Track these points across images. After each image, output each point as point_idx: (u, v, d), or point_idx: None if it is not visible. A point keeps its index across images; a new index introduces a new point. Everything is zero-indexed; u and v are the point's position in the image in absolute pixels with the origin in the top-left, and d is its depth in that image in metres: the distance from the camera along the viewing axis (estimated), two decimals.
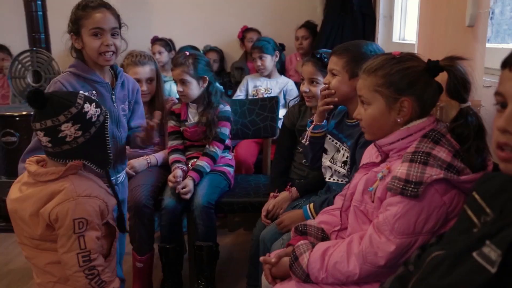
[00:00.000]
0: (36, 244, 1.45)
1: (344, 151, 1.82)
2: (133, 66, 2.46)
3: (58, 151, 1.42)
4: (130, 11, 4.37)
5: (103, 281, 1.44)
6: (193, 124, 2.46)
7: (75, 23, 1.78)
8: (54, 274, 1.46)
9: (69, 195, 1.39)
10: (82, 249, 1.39)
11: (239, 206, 2.35)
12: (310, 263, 1.30)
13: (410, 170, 1.17)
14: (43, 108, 1.38)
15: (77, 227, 1.38)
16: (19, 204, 1.44)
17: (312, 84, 2.08)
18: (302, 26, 3.85)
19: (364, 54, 1.72)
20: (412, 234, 1.17)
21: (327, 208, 1.59)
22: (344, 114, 1.88)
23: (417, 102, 1.27)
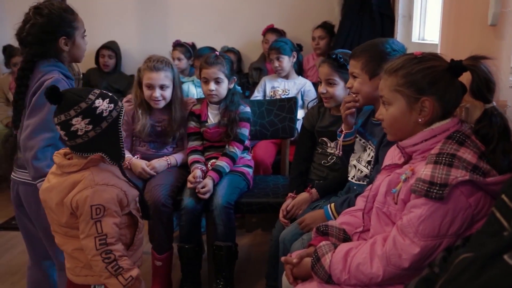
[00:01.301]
0: (65, 231, 1.52)
1: (370, 150, 1.82)
2: (148, 71, 2.41)
3: (73, 144, 1.48)
4: (148, 13, 4.44)
5: (120, 267, 1.47)
6: (214, 124, 2.47)
7: (69, 26, 1.82)
8: (80, 260, 1.52)
9: (87, 184, 1.45)
10: (99, 233, 1.45)
11: (258, 207, 2.35)
12: (332, 264, 1.29)
13: (434, 172, 1.16)
14: (59, 104, 1.45)
15: (95, 213, 1.44)
16: (47, 193, 1.52)
17: (329, 85, 2.08)
18: (319, 27, 3.84)
19: (382, 52, 1.72)
20: (437, 236, 1.16)
21: (349, 209, 1.59)
22: (371, 113, 1.88)
23: (439, 102, 1.26)
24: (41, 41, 1.79)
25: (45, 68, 1.78)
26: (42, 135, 1.73)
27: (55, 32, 1.79)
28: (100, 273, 1.47)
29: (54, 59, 1.82)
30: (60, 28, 1.80)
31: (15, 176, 1.90)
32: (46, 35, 1.78)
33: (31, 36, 1.78)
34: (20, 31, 1.80)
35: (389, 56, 1.68)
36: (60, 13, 1.80)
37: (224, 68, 2.40)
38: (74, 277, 1.55)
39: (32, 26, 1.78)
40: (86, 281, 1.53)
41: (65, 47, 1.82)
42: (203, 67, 2.43)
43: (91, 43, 4.20)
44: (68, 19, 1.82)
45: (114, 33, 4.31)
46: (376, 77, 1.71)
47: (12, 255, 2.91)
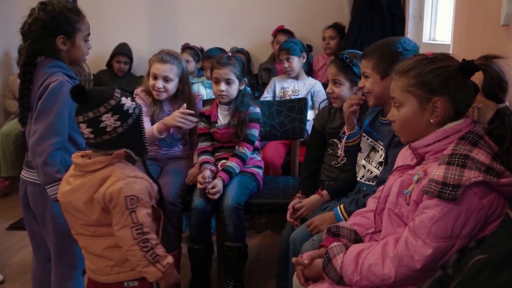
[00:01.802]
0: (92, 231, 1.54)
1: (381, 151, 1.80)
2: (156, 61, 2.45)
3: (99, 141, 1.51)
4: (158, 15, 4.46)
5: (157, 255, 1.51)
6: (224, 125, 2.47)
7: (70, 26, 1.81)
8: (111, 258, 1.54)
9: (119, 176, 1.49)
10: (135, 223, 1.48)
11: (267, 208, 2.35)
12: (344, 265, 1.29)
13: (447, 172, 1.16)
14: (85, 102, 1.48)
15: (129, 204, 1.47)
16: (71, 195, 1.53)
17: (335, 85, 2.09)
18: (330, 27, 3.84)
19: (394, 51, 1.71)
20: (450, 238, 1.15)
21: (360, 210, 1.59)
22: (378, 112, 1.87)
23: (451, 102, 1.25)
24: (39, 37, 1.78)
25: (48, 70, 1.79)
26: (50, 140, 1.73)
27: (54, 29, 1.78)
28: (138, 262, 1.50)
29: (54, 59, 1.82)
30: (60, 26, 1.79)
31: (24, 175, 1.90)
32: (45, 31, 1.78)
33: (31, 31, 1.78)
34: (23, 25, 1.81)
35: (401, 56, 1.67)
36: (63, 12, 1.80)
37: (235, 69, 2.40)
38: (104, 276, 1.56)
39: (34, 21, 1.78)
40: (118, 279, 1.55)
41: (62, 46, 1.81)
42: (214, 67, 2.43)
43: (102, 45, 4.29)
44: (70, 18, 1.81)
45: (124, 36, 4.34)
46: (388, 77, 1.70)
47: (23, 255, 2.94)
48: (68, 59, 1.86)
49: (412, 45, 1.74)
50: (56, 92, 1.75)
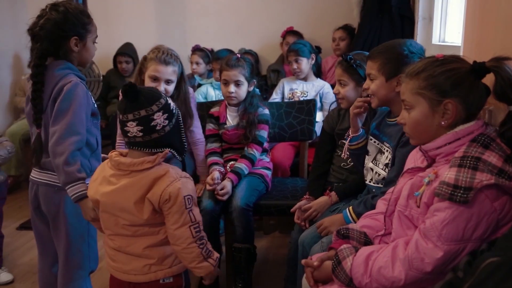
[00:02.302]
0: (134, 231, 1.55)
1: (388, 153, 1.80)
2: (156, 63, 2.28)
3: (147, 139, 1.52)
4: (167, 15, 4.48)
5: (209, 251, 1.57)
6: (233, 127, 2.47)
7: (83, 27, 1.82)
8: (152, 257, 1.56)
9: (175, 176, 1.51)
10: (193, 222, 1.51)
11: (276, 209, 2.35)
12: (353, 267, 1.29)
13: (459, 175, 1.15)
14: (137, 100, 1.49)
15: (187, 203, 1.50)
16: (118, 194, 1.52)
17: (341, 86, 2.09)
18: (340, 28, 3.84)
19: (400, 54, 1.71)
20: (461, 240, 1.14)
21: (370, 212, 1.58)
22: (386, 114, 1.87)
23: (462, 104, 1.25)
24: (53, 37, 1.77)
25: (60, 72, 1.79)
26: (70, 139, 1.73)
27: (68, 30, 1.78)
28: (193, 259, 1.54)
29: (64, 61, 1.82)
30: (74, 27, 1.79)
31: (35, 177, 1.89)
32: (59, 31, 1.77)
33: (44, 31, 1.76)
34: (34, 26, 1.79)
35: (406, 59, 1.68)
36: (76, 13, 1.81)
37: (244, 71, 2.40)
38: (141, 276, 1.57)
39: (47, 21, 1.77)
40: (156, 277, 1.57)
41: (75, 48, 1.81)
42: (223, 69, 2.43)
43: (110, 45, 4.31)
44: (83, 20, 1.82)
45: (134, 36, 4.37)
46: (393, 79, 1.71)
47: (33, 255, 2.95)
48: (77, 61, 1.87)
49: (418, 48, 1.74)
50: (72, 93, 1.75)
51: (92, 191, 1.60)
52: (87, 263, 1.93)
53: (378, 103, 1.80)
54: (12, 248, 3.00)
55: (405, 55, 1.70)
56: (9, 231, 2.97)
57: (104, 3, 4.41)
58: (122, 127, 1.53)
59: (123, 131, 1.53)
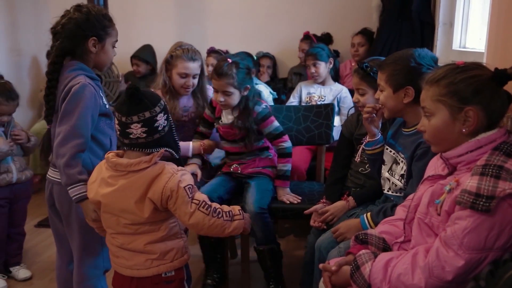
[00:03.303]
0: (135, 229, 1.58)
1: (402, 163, 1.80)
2: (185, 60, 2.46)
3: (149, 140, 1.56)
4: (186, 17, 4.51)
5: (228, 211, 1.63)
6: (227, 124, 2.43)
7: (103, 29, 1.85)
8: (154, 252, 1.60)
9: (171, 172, 1.55)
10: (198, 204, 1.56)
11: (292, 213, 2.34)
12: (372, 273, 1.28)
13: (481, 183, 1.14)
14: (141, 103, 1.52)
15: (189, 192, 1.54)
16: (118, 195, 1.56)
17: (360, 94, 2.09)
18: (359, 33, 3.82)
19: (406, 65, 1.71)
20: (483, 249, 1.13)
21: (389, 218, 1.57)
22: (401, 124, 1.86)
23: (483, 112, 1.24)
24: (72, 36, 1.80)
25: (71, 73, 1.80)
26: (73, 142, 1.75)
27: (87, 30, 1.81)
28: (222, 229, 1.59)
29: (77, 61, 1.84)
30: (94, 28, 1.82)
31: (50, 175, 1.92)
32: (78, 30, 1.80)
33: (64, 30, 1.80)
34: (56, 25, 1.83)
35: (413, 71, 1.69)
36: (98, 15, 1.84)
37: (233, 80, 2.27)
38: (144, 271, 1.60)
39: (68, 20, 1.81)
40: (158, 271, 1.61)
41: (93, 49, 1.84)
42: (213, 76, 2.35)
43: (130, 47, 4.35)
44: (103, 23, 1.85)
45: (152, 38, 4.40)
46: (400, 91, 1.72)
47: (51, 252, 2.99)
48: (94, 62, 1.89)
49: (428, 58, 1.72)
50: (79, 94, 1.76)
51: (93, 193, 1.63)
52: (100, 262, 1.95)
53: (388, 114, 1.81)
54: (30, 245, 3.05)
55: (412, 67, 1.70)
56: (28, 229, 3.01)
57: (125, 5, 4.46)
58: (124, 129, 1.54)
59: (125, 133, 1.55)
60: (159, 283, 1.62)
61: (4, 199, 2.55)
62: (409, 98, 1.71)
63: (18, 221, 2.69)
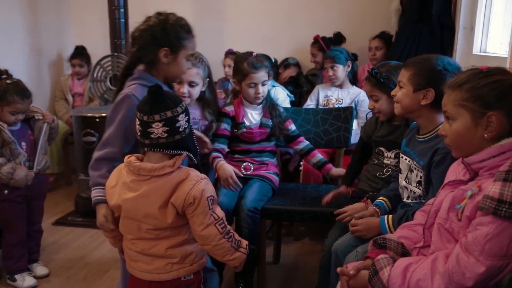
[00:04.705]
0: (157, 234, 1.58)
1: (416, 171, 1.79)
2: None
3: (170, 141, 1.54)
4: (204, 20, 4.53)
5: (238, 241, 1.62)
6: (255, 125, 2.47)
7: (177, 41, 1.81)
8: (174, 256, 1.59)
9: (196, 179, 1.54)
10: (216, 220, 1.56)
11: (310, 215, 2.33)
12: (391, 278, 1.27)
13: (504, 189, 1.13)
14: (163, 102, 1.52)
15: (210, 204, 1.54)
16: (141, 201, 1.54)
17: (374, 101, 2.10)
18: (376, 37, 3.81)
19: (433, 68, 1.71)
20: (504, 256, 1.12)
21: (407, 223, 1.56)
22: (415, 130, 1.85)
23: (506, 117, 1.22)
24: (146, 44, 1.79)
25: (129, 82, 1.82)
26: (104, 149, 1.78)
27: (161, 39, 1.79)
28: (226, 252, 1.59)
29: (143, 71, 1.82)
30: (168, 37, 1.79)
31: None
32: (152, 39, 1.79)
33: (140, 37, 1.81)
34: (135, 30, 1.85)
35: (439, 74, 1.69)
36: (174, 25, 1.82)
37: (268, 71, 2.44)
38: (164, 274, 1.60)
39: (146, 27, 1.81)
40: (178, 275, 1.61)
41: (164, 59, 1.80)
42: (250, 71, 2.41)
43: None
44: (180, 34, 1.82)
45: None
46: (420, 92, 1.72)
47: (68, 250, 3.03)
48: (164, 73, 1.86)
49: (455, 67, 1.72)
50: (118, 105, 1.78)
51: (114, 198, 1.61)
52: None
53: (400, 111, 1.81)
54: (48, 243, 3.08)
55: (439, 71, 1.70)
56: (45, 226, 3.04)
57: (145, 6, 4.48)
58: (146, 128, 1.53)
59: (145, 133, 1.53)
60: (179, 286, 1.62)
61: (20, 196, 2.58)
62: (427, 100, 1.71)
63: (36, 218, 2.72)
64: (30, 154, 2.61)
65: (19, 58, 4.08)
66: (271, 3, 4.34)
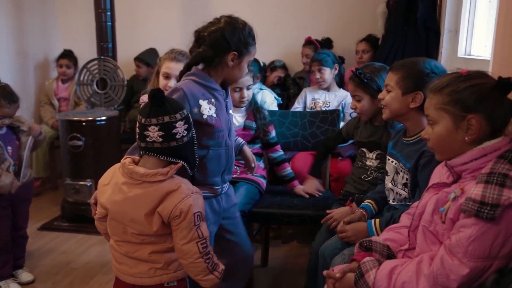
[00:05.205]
0: (142, 239, 1.57)
1: (402, 173, 1.80)
2: (168, 60, 2.39)
3: (165, 146, 1.53)
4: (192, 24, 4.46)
5: (215, 264, 1.59)
6: (240, 127, 2.48)
7: (245, 47, 1.83)
8: (159, 262, 1.58)
9: (186, 193, 1.52)
10: (200, 238, 1.53)
11: (297, 218, 2.34)
12: (376, 280, 1.28)
13: (485, 191, 1.14)
14: (162, 106, 1.52)
15: (196, 220, 1.52)
16: (128, 205, 1.54)
17: (356, 101, 2.12)
18: (363, 40, 3.83)
19: (421, 71, 1.73)
20: (487, 258, 1.13)
21: (393, 226, 1.57)
22: (402, 133, 1.87)
23: (486, 120, 1.24)
24: (216, 46, 1.78)
25: (183, 77, 1.83)
26: None
27: (232, 42, 1.79)
28: (199, 272, 1.55)
29: (201, 70, 1.83)
30: (238, 42, 1.80)
31: None
32: (224, 42, 1.78)
33: (210, 38, 1.79)
34: (203, 29, 1.82)
35: (426, 77, 1.70)
36: (245, 30, 1.84)
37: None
38: (146, 279, 1.59)
39: (217, 29, 1.79)
40: (161, 280, 1.59)
41: (230, 63, 1.81)
42: None
43: (135, 50, 4.36)
44: (248, 39, 1.84)
45: (158, 42, 4.41)
46: (409, 95, 1.74)
47: (53, 255, 3.00)
48: (225, 75, 1.86)
49: (442, 70, 1.75)
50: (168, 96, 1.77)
51: (104, 197, 1.60)
52: None
53: (389, 115, 1.83)
54: (33, 249, 3.04)
55: (426, 74, 1.72)
56: (31, 232, 3.01)
57: (131, 9, 4.48)
58: (142, 131, 1.54)
59: (142, 136, 1.54)
60: None
61: (5, 201, 2.55)
62: (416, 103, 1.73)
63: (21, 224, 2.68)
64: (16, 159, 2.58)
65: (3, 61, 4.02)
66: (259, 7, 4.34)
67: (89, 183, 3.39)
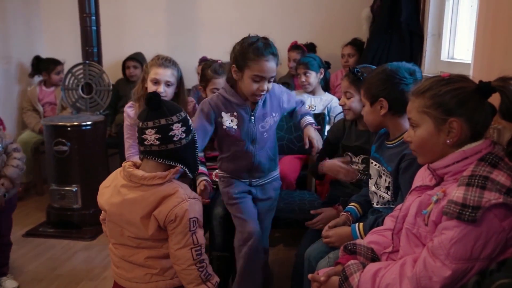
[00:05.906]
0: (138, 243, 1.56)
1: (385, 176, 1.82)
2: (156, 66, 2.46)
3: (163, 149, 1.53)
4: (178, 27, 4.52)
5: (209, 274, 1.57)
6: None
7: (243, 59, 1.94)
8: (155, 267, 1.57)
9: (183, 197, 1.52)
10: (195, 244, 1.52)
11: (284, 222, 2.35)
12: (360, 283, 1.29)
13: (467, 194, 1.15)
14: (159, 109, 1.52)
15: (192, 225, 1.51)
16: (126, 207, 1.54)
17: (347, 97, 2.14)
18: (348, 44, 3.86)
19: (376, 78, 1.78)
20: (469, 259, 1.14)
21: (377, 228, 1.58)
22: (385, 137, 1.89)
23: (467, 123, 1.25)
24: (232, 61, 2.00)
25: None
26: None
27: (232, 56, 2.01)
28: (192, 280, 1.54)
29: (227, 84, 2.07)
30: (236, 56, 1.98)
31: None
32: (231, 54, 2.02)
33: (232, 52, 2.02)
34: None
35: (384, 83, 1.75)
36: (247, 45, 1.96)
37: None
38: (142, 284, 1.58)
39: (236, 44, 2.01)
40: (157, 286, 1.59)
41: (234, 75, 2.00)
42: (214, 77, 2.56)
43: (121, 55, 4.34)
44: (246, 54, 1.95)
45: (144, 46, 4.41)
46: (376, 104, 1.79)
47: (38, 261, 2.97)
48: (239, 89, 2.04)
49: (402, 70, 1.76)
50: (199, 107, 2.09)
51: (103, 198, 1.61)
52: None
53: (372, 128, 1.89)
54: (18, 255, 3.01)
55: (384, 80, 1.76)
56: (15, 238, 2.98)
57: (117, 13, 4.46)
58: (140, 134, 1.54)
59: (140, 139, 1.55)
60: None
61: None
62: (384, 109, 1.75)
63: (4, 231, 2.65)
64: None
65: None
66: (245, 11, 4.36)
67: (75, 188, 3.36)
